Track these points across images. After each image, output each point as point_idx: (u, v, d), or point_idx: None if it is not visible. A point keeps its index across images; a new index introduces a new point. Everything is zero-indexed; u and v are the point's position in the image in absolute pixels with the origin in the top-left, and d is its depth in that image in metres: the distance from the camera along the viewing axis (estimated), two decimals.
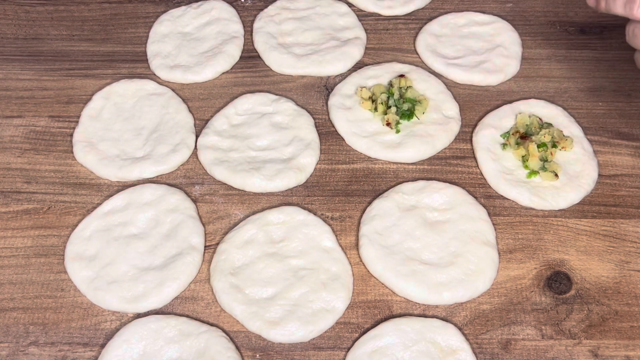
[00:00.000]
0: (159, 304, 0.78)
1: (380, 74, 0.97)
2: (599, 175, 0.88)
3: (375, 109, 0.93)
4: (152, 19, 1.06)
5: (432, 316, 0.77)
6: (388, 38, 1.04)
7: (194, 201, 0.87)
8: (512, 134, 0.90)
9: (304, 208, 0.85)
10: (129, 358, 0.74)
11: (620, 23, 1.05)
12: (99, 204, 0.86)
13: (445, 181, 0.87)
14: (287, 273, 0.80)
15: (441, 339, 0.75)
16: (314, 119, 0.94)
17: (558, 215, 0.85)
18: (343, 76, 0.99)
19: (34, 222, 0.85)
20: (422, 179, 0.88)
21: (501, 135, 0.91)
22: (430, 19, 1.05)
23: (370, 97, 0.94)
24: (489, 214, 0.85)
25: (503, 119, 0.92)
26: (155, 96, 0.96)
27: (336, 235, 0.83)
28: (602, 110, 0.95)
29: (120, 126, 0.93)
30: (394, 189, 0.86)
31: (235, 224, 0.85)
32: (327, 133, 0.93)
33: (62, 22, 1.06)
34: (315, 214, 0.85)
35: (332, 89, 0.97)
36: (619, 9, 0.76)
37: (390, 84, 0.95)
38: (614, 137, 0.92)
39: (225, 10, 1.05)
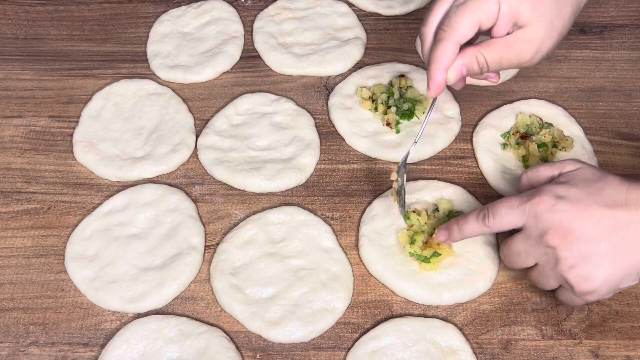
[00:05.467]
0: (159, 304, 0.78)
1: (381, 74, 0.97)
2: None
3: (376, 109, 0.93)
4: (152, 19, 1.06)
5: (433, 316, 0.77)
6: (388, 38, 1.04)
7: (194, 201, 0.87)
8: (513, 134, 0.90)
9: (304, 208, 0.85)
10: (129, 358, 0.74)
11: (620, 23, 1.06)
12: (99, 204, 0.86)
13: (445, 181, 0.87)
14: (287, 273, 0.80)
15: (441, 339, 0.75)
16: (314, 119, 0.94)
17: None
18: (343, 76, 0.99)
19: (34, 222, 0.85)
20: (423, 178, 0.88)
21: (501, 135, 0.91)
22: None
23: (370, 97, 0.94)
24: None
25: (503, 119, 0.92)
26: (155, 96, 0.96)
27: (336, 235, 0.83)
28: (602, 110, 0.95)
29: (120, 126, 0.93)
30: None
31: (235, 224, 0.85)
32: (327, 133, 0.93)
33: (62, 22, 1.06)
34: (315, 214, 0.85)
35: (332, 89, 0.97)
36: (474, 227, 0.72)
37: (391, 84, 0.95)
38: (614, 137, 0.92)
39: (225, 10, 1.05)
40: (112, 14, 1.07)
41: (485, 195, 0.87)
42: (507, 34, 0.71)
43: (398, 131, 0.91)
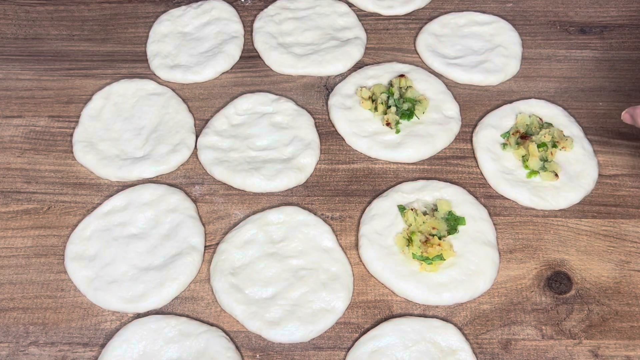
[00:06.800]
0: (159, 304, 0.78)
1: (381, 74, 0.97)
2: (599, 175, 0.88)
3: (376, 109, 0.93)
4: (152, 19, 1.06)
5: (432, 316, 0.77)
6: (388, 38, 1.04)
7: (194, 201, 0.87)
8: (512, 134, 0.90)
9: (304, 208, 0.85)
10: (129, 358, 0.74)
11: (620, 23, 1.06)
12: (99, 204, 0.86)
13: (445, 181, 0.87)
14: (287, 273, 0.80)
15: (441, 339, 0.75)
16: (314, 118, 0.94)
17: (558, 215, 0.85)
18: (343, 76, 0.99)
19: (34, 222, 0.85)
20: (422, 178, 0.88)
21: (501, 135, 0.91)
22: (431, 18, 1.05)
23: (370, 97, 0.94)
24: (490, 214, 0.85)
25: (503, 119, 0.92)
26: (155, 96, 0.96)
27: (336, 235, 0.83)
28: (602, 110, 0.95)
29: (120, 126, 0.93)
30: (393, 189, 0.86)
31: (235, 224, 0.85)
32: (327, 133, 0.93)
33: (62, 22, 1.06)
34: (315, 214, 0.85)
35: (332, 89, 0.97)
36: None
37: (391, 84, 0.95)
38: (614, 137, 0.92)
39: (225, 10, 1.05)
40: (112, 14, 1.07)
41: (485, 195, 0.87)
42: None
43: (398, 131, 0.91)
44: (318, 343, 0.76)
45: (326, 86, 0.98)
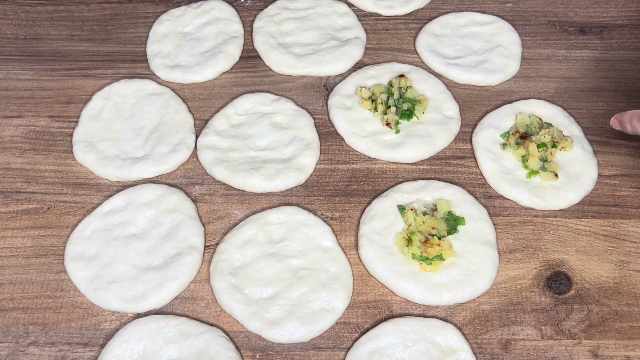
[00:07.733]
0: (159, 304, 0.78)
1: (380, 74, 0.97)
2: (599, 175, 0.88)
3: (375, 109, 0.93)
4: (152, 19, 1.06)
5: (432, 316, 0.77)
6: (388, 38, 1.04)
7: (194, 201, 0.87)
8: (512, 134, 0.90)
9: (304, 208, 0.85)
10: (129, 358, 0.74)
11: (620, 23, 1.06)
12: (99, 204, 0.86)
13: (445, 181, 0.87)
14: (287, 273, 0.80)
15: (441, 339, 0.75)
16: (314, 119, 0.94)
17: (558, 215, 0.85)
18: (343, 76, 0.99)
19: (34, 222, 0.85)
20: (422, 178, 0.88)
21: (501, 135, 0.91)
22: (430, 19, 1.05)
23: (370, 97, 0.94)
24: (489, 214, 0.85)
25: (503, 119, 0.92)
26: (155, 96, 0.96)
27: (336, 235, 0.83)
28: (602, 110, 0.95)
29: (120, 126, 0.93)
30: (393, 189, 0.87)
31: (235, 224, 0.85)
32: (327, 133, 0.93)
33: (62, 22, 1.06)
34: (315, 214, 0.85)
35: (332, 89, 0.97)
36: None
37: (390, 84, 0.95)
38: (614, 137, 0.92)
39: (225, 10, 1.06)
40: (112, 14, 1.07)
41: (485, 195, 0.87)
42: None
43: (397, 131, 0.91)
44: (318, 343, 0.76)
45: (326, 86, 0.98)
